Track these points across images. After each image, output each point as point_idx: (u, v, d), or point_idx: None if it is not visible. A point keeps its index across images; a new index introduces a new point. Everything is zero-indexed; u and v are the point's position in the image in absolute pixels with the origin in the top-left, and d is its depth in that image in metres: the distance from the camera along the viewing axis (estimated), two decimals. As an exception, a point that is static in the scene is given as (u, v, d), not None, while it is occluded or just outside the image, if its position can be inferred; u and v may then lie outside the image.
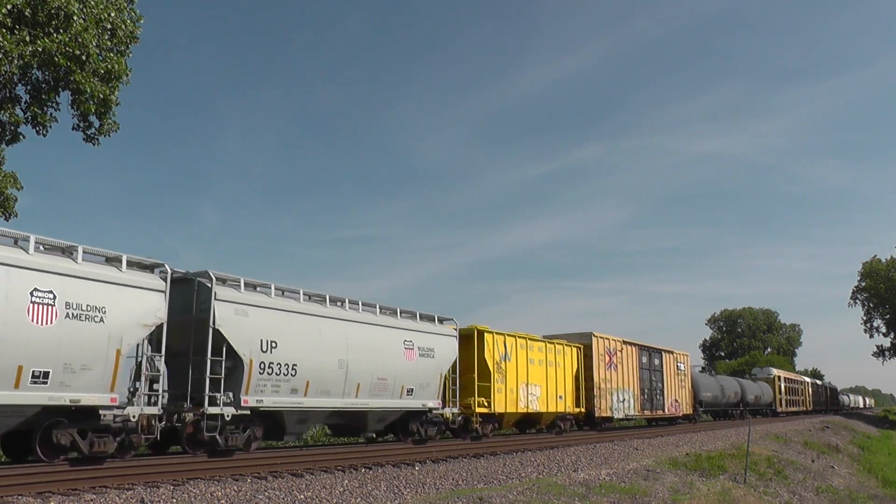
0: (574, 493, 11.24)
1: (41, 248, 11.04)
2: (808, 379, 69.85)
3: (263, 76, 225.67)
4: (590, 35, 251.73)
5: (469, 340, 19.85)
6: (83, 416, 11.21)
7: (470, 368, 19.55)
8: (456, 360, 18.83)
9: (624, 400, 27.43)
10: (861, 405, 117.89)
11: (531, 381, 22.00)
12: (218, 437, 12.84)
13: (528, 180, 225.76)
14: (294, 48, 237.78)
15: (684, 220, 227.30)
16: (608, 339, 27.02)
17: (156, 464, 11.34)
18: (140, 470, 10.71)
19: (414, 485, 11.14)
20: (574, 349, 25.11)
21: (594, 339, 25.98)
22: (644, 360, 29.85)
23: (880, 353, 79.80)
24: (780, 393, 54.44)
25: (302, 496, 9.58)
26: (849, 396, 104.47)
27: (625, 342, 28.36)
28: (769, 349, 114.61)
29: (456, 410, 18.75)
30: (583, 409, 25.06)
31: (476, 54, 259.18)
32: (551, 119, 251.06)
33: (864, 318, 78.07)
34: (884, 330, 77.00)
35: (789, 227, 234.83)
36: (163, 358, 12.27)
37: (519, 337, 21.88)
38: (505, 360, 20.73)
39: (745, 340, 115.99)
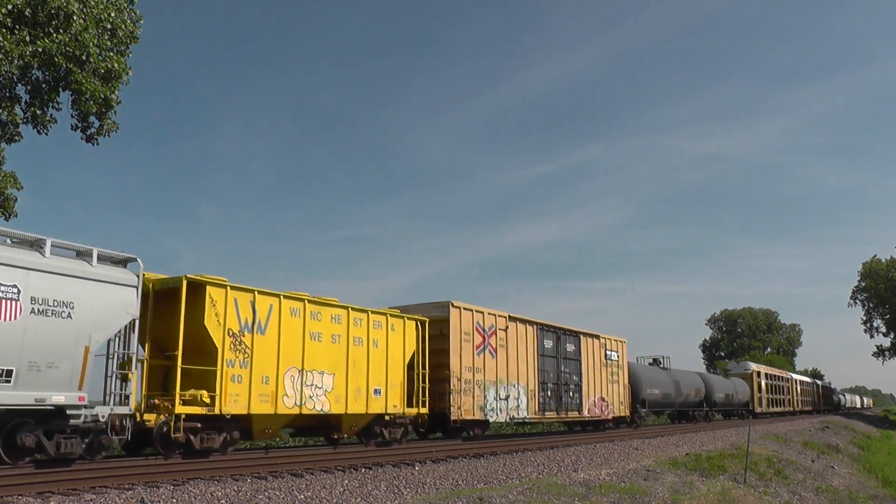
0: (574, 493, 11.24)
1: None
2: (795, 376, 62.91)
3: (263, 76, 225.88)
4: (590, 35, 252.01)
5: (174, 297, 12.56)
6: None
7: (176, 343, 12.45)
8: (132, 326, 11.71)
9: (508, 397, 20.11)
10: (858, 405, 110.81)
11: (312, 367, 14.70)
12: None
13: (528, 180, 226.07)
14: (294, 48, 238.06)
15: (684, 220, 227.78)
16: (481, 312, 19.61)
17: (156, 464, 11.34)
18: (140, 470, 10.71)
19: (414, 485, 11.14)
20: (410, 323, 17.46)
21: (453, 310, 18.55)
22: (547, 344, 22.60)
23: (880, 353, 79.96)
24: (760, 391, 47.92)
25: (302, 496, 9.58)
26: (844, 396, 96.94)
27: (512, 318, 20.86)
28: (769, 349, 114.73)
29: (125, 410, 11.39)
30: (421, 410, 17.47)
31: (476, 54, 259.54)
32: (551, 119, 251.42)
33: (864, 318, 78.30)
34: (884, 330, 77.22)
35: (789, 227, 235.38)
36: None
37: (288, 298, 14.55)
38: (253, 332, 13.60)
39: (745, 340, 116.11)
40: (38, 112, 17.09)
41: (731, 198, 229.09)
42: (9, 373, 9.99)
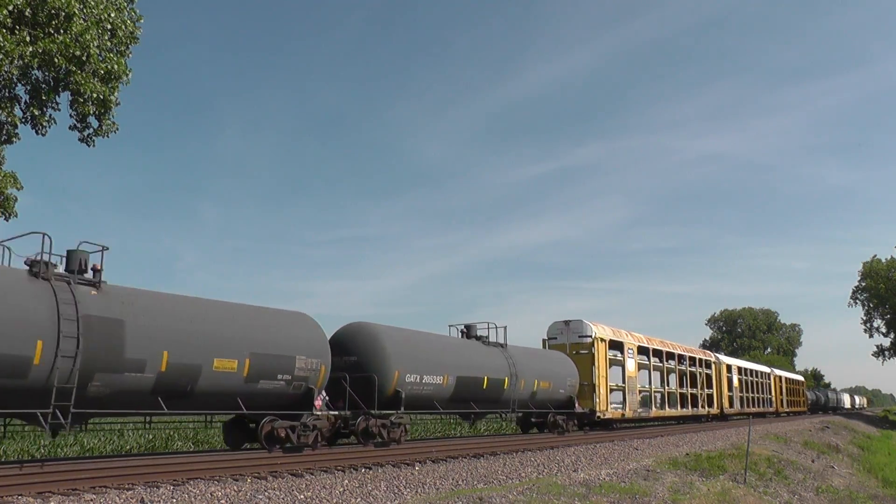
0: (574, 493, 11.23)
1: None
2: (727, 359, 41.49)
3: (263, 76, 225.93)
4: (590, 35, 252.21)
5: None
6: None
7: None
8: None
9: None
10: (847, 404, 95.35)
11: None
12: None
13: (528, 180, 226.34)
14: (294, 48, 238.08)
15: (684, 220, 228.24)
16: None
17: (156, 464, 11.33)
18: (140, 470, 10.71)
19: (414, 485, 11.14)
20: None
21: None
22: None
23: (880, 352, 80.00)
24: (624, 379, 26.48)
25: (302, 496, 9.57)
26: (825, 393, 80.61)
27: None
28: (769, 349, 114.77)
29: None
30: None
31: (476, 54, 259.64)
32: (551, 119, 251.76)
33: (864, 318, 78.38)
34: (884, 330, 77.31)
35: (789, 227, 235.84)
36: None
37: None
38: None
39: (745, 340, 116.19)
40: (37, 113, 17.09)
41: (731, 198, 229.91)
42: None
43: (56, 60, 15.35)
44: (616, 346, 27.22)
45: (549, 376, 22.40)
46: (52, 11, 15.25)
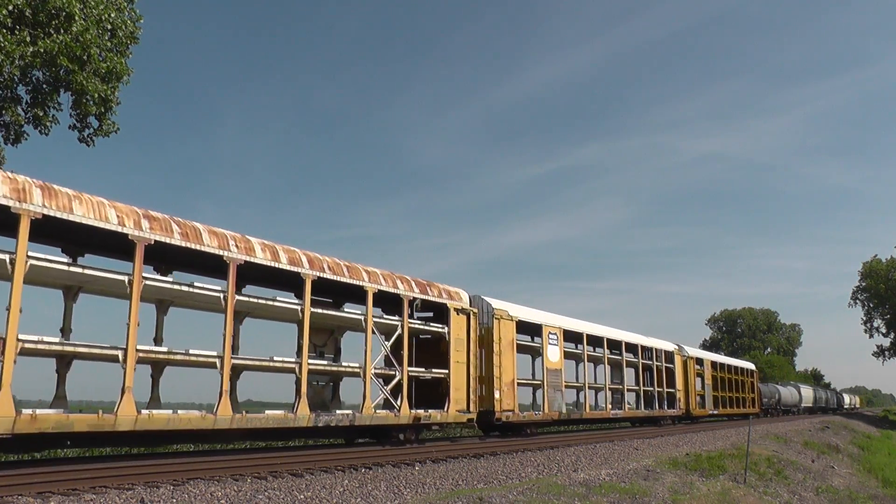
0: (574, 493, 11.23)
1: None
2: (547, 317, 22.79)
3: (263, 76, 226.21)
4: (590, 35, 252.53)
5: None
6: None
7: None
8: None
9: None
10: (836, 403, 79.67)
11: None
12: None
13: (528, 180, 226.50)
14: (294, 48, 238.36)
15: (684, 220, 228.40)
16: None
17: (156, 464, 11.34)
18: (140, 470, 10.71)
19: (414, 485, 11.14)
20: None
21: None
22: None
23: (880, 352, 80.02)
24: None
25: (302, 496, 9.58)
26: (795, 387, 59.90)
27: None
28: (769, 349, 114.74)
29: None
30: None
31: (476, 54, 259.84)
32: (551, 119, 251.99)
33: (864, 318, 78.42)
34: (884, 330, 77.33)
35: (789, 227, 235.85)
36: None
37: None
38: None
39: (745, 340, 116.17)
40: (40, 113, 17.08)
41: (731, 198, 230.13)
42: None
43: (58, 60, 15.35)
44: None
45: None
46: (53, 11, 15.25)
